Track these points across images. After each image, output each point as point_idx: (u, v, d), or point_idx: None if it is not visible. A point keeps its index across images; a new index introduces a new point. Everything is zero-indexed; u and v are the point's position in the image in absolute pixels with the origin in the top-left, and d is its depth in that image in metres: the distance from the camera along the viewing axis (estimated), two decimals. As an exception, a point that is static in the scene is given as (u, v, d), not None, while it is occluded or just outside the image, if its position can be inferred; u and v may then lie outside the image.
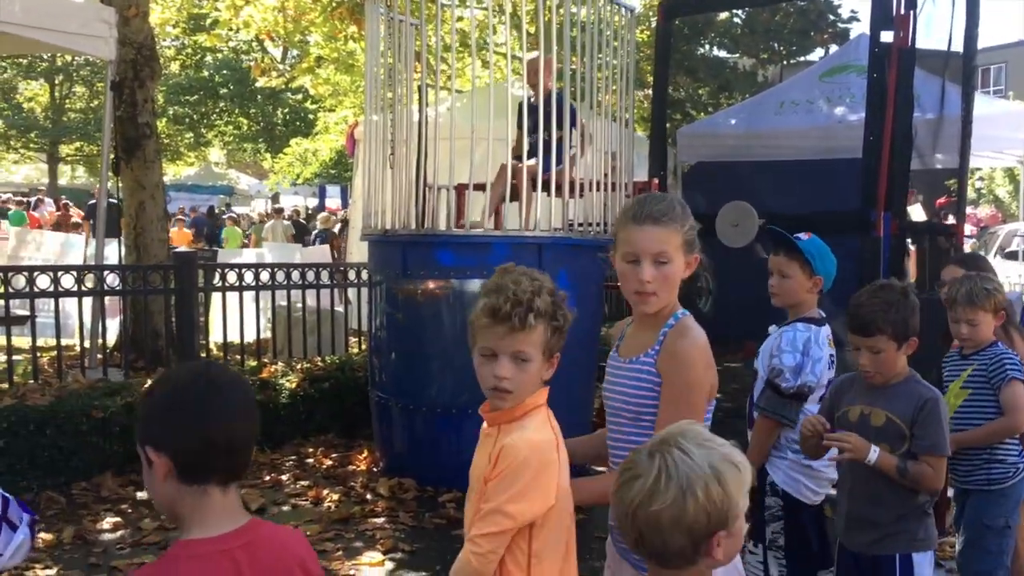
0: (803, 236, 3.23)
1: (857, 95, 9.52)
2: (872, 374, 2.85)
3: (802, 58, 14.50)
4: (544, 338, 2.05)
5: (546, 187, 5.50)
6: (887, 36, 5.19)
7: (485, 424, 2.16)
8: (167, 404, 1.65)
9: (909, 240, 5.99)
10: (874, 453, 2.73)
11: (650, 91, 12.76)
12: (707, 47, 14.27)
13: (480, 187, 6.14)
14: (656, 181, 6.49)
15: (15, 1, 6.17)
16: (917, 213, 11.82)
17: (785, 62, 14.43)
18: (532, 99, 5.94)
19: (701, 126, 11.15)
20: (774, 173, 8.44)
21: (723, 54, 14.60)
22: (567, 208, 5.71)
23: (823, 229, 5.78)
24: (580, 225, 5.84)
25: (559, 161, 5.68)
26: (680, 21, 6.44)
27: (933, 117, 5.91)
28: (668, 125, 8.91)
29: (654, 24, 12.31)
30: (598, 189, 5.82)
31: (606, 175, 5.89)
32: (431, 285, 5.45)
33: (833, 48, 13.31)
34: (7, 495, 1.51)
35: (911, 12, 5.19)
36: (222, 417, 1.63)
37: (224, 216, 21.41)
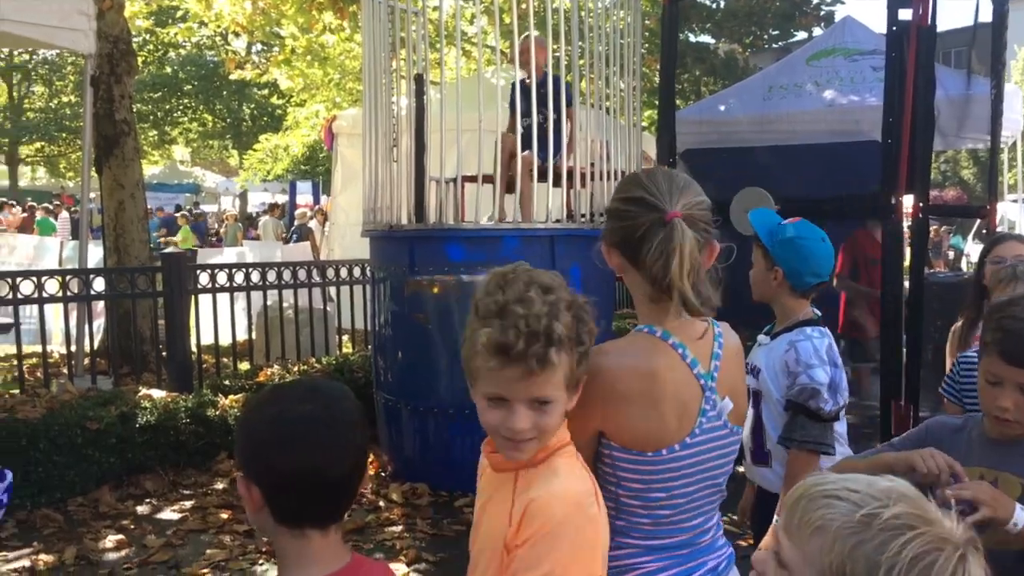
0: (792, 221, 2.70)
1: (845, 78, 9.47)
2: (1012, 423, 1.99)
3: (783, 42, 14.43)
4: (568, 370, 1.54)
5: (543, 177, 5.31)
6: (905, 14, 5.04)
7: (486, 465, 1.69)
8: (270, 437, 1.41)
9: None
10: (1022, 514, 1.86)
11: (633, 81, 12.62)
12: (691, 33, 14.12)
13: (487, 179, 5.93)
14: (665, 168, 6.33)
15: (-10, -6, 5.86)
16: None
17: (767, 46, 14.33)
18: (526, 80, 5.74)
19: (688, 113, 11.02)
20: (774, 157, 8.31)
21: (706, 39, 14.48)
22: (577, 198, 5.53)
23: (838, 213, 5.73)
24: (583, 216, 5.66)
25: (557, 147, 5.49)
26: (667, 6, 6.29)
27: (958, 96, 5.80)
28: (656, 112, 8.75)
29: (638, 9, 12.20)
30: (594, 179, 5.62)
31: (593, 164, 5.68)
32: (440, 280, 5.24)
33: (817, 32, 13.23)
34: None
35: (929, -11, 5.06)
36: (331, 455, 1.40)
37: (177, 215, 21.00)
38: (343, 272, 7.72)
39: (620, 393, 1.68)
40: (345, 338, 8.63)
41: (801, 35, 14.28)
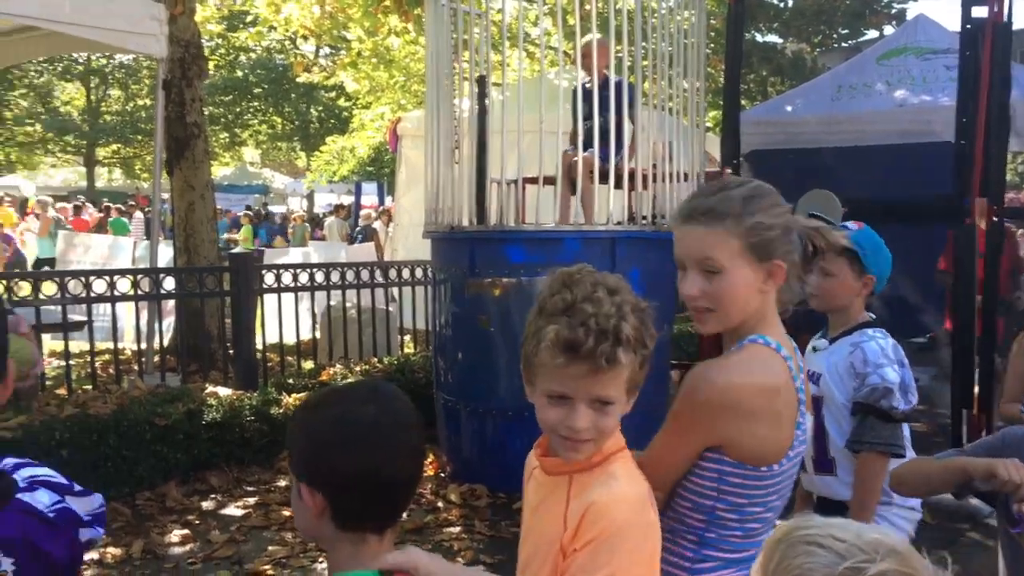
0: (852, 226, 2.64)
1: (917, 78, 9.24)
2: None
3: (853, 41, 14.13)
4: (631, 372, 1.54)
5: (604, 178, 5.27)
6: (980, 11, 4.90)
7: (534, 468, 1.71)
8: (333, 438, 1.39)
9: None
10: None
11: (697, 82, 12.49)
12: (757, 33, 13.92)
13: (530, 181, 5.92)
14: (728, 170, 6.24)
15: (65, 1, 6.03)
16: None
17: (836, 45, 14.07)
18: (587, 84, 5.72)
19: (755, 113, 10.86)
20: (842, 158, 8.13)
21: (773, 39, 14.26)
22: (639, 200, 5.49)
23: (909, 217, 5.58)
24: (644, 218, 5.61)
25: (619, 149, 5.45)
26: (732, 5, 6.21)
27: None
28: (720, 113, 8.64)
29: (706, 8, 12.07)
30: (656, 180, 5.56)
31: (655, 165, 5.62)
32: (500, 282, 5.25)
33: (889, 30, 12.93)
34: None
35: (1006, -15, 4.91)
36: (394, 458, 1.40)
37: (240, 215, 21.43)
38: (405, 273, 7.79)
39: (747, 409, 1.67)
40: (407, 338, 8.71)
41: (872, 34, 14.00)
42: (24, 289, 5.79)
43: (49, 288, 5.93)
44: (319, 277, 7.07)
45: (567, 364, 1.50)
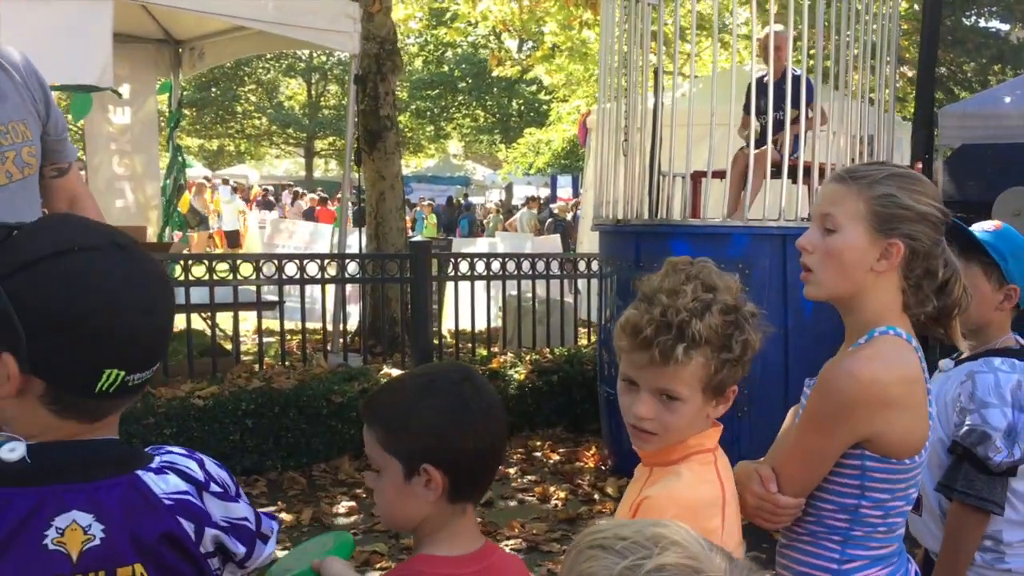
0: (988, 226, 2.25)
1: None
2: None
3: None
4: (705, 373, 1.51)
5: (777, 174, 5.08)
6: None
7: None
8: (450, 418, 1.47)
9: None
10: None
11: (905, 68, 11.77)
12: (974, 17, 12.91)
13: (718, 175, 5.79)
14: (920, 165, 5.85)
15: (268, 1, 6.48)
16: None
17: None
18: (765, 77, 5.52)
19: (971, 104, 10.07)
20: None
21: (995, 24, 13.18)
22: (815, 196, 5.24)
23: None
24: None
25: (795, 145, 5.24)
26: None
27: None
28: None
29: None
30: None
31: (853, 160, 5.35)
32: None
33: None
34: (255, 510, 1.44)
35: None
36: (495, 430, 1.50)
37: (420, 205, 22.14)
38: (581, 265, 7.82)
39: (893, 401, 1.64)
40: (586, 330, 8.74)
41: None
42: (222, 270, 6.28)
43: (246, 269, 6.41)
44: (495, 267, 7.23)
45: (630, 350, 1.54)
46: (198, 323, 6.68)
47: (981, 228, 2.24)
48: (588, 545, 0.97)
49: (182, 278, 5.86)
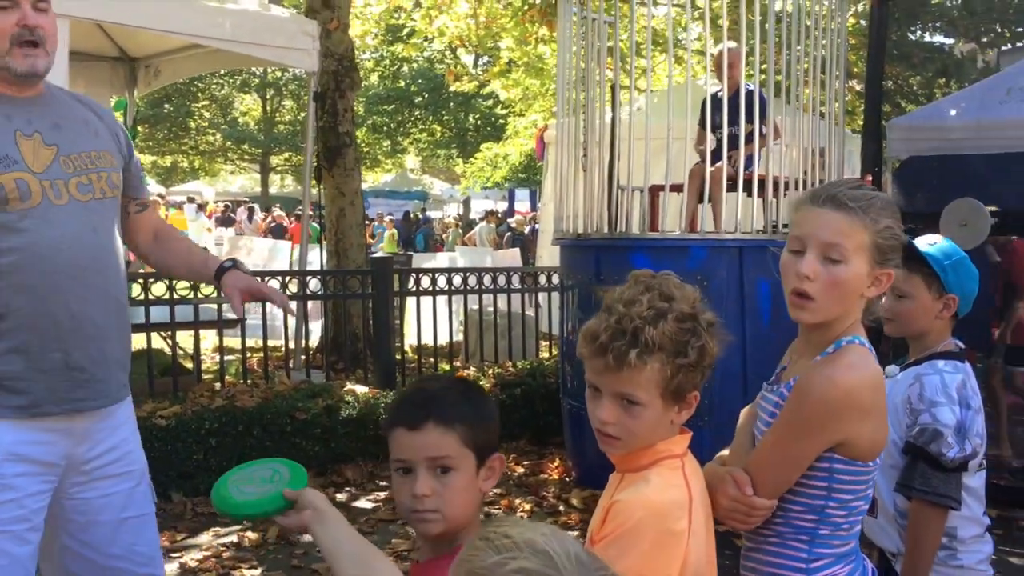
0: (930, 240, 2.40)
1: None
2: None
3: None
4: (662, 377, 1.58)
5: (734, 187, 5.19)
6: None
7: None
8: (491, 410, 1.69)
9: None
10: None
11: (854, 82, 12.03)
12: (920, 32, 13.25)
13: (676, 188, 5.89)
14: (870, 178, 6.01)
15: (226, 19, 6.47)
16: None
17: (1007, 45, 13.20)
18: (719, 93, 5.64)
19: (917, 117, 10.32)
20: (1013, 167, 7.63)
21: (939, 39, 13.53)
22: (769, 209, 5.37)
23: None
24: (784, 227, 5.47)
25: (750, 158, 5.36)
26: (892, 4, 5.95)
27: None
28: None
29: (858, 10, 11.60)
30: (791, 188, 5.42)
31: (805, 172, 5.48)
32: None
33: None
34: None
35: None
36: None
37: (383, 220, 22.21)
38: (542, 279, 7.89)
39: (866, 408, 1.71)
40: (546, 344, 8.81)
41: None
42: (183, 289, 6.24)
43: (207, 287, 6.37)
44: (456, 281, 7.27)
45: (590, 356, 1.63)
46: (158, 342, 6.62)
47: (924, 241, 2.38)
48: (481, 536, 1.05)
49: (142, 297, 5.81)
